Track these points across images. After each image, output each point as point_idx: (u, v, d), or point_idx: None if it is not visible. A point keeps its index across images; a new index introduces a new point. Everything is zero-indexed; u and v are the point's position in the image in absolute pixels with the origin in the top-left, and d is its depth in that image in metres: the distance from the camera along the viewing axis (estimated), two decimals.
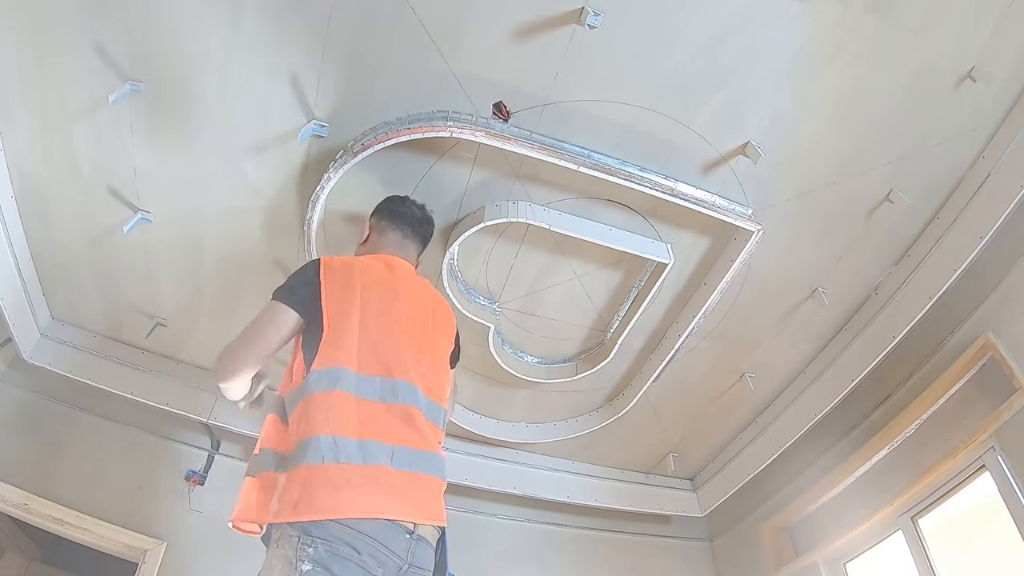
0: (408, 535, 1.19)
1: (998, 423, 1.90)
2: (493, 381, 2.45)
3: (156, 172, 1.82)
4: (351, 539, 1.13)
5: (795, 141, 1.79)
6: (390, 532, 1.17)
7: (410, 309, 1.45)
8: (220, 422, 2.45)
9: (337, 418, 1.21)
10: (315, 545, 1.11)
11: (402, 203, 1.70)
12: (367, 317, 1.34)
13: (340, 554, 1.11)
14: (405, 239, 1.65)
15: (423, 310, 1.49)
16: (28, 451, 2.32)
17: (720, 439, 2.89)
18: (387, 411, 1.27)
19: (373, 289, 1.40)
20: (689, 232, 2.02)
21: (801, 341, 2.41)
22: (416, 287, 1.53)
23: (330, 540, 1.12)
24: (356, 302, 1.34)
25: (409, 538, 1.19)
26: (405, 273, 1.53)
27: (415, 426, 1.29)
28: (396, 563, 1.17)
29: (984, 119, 1.81)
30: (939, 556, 2.12)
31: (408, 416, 1.29)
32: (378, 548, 1.14)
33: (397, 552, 1.17)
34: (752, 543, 2.92)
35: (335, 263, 1.42)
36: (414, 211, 1.70)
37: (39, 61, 1.58)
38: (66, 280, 2.22)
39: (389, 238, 1.63)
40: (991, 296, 2.05)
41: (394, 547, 1.17)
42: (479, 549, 2.75)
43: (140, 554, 2.28)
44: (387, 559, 1.16)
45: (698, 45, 1.56)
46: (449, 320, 1.61)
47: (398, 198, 1.72)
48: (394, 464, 1.22)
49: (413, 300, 1.48)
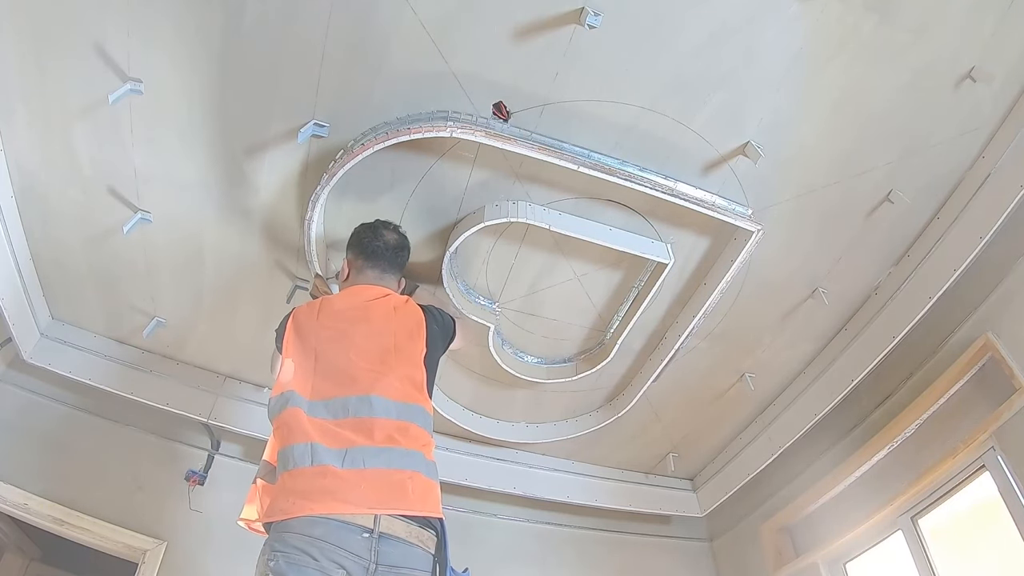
0: (367, 534, 1.21)
1: (998, 423, 1.90)
2: (493, 381, 2.45)
3: (156, 172, 1.82)
4: (305, 545, 1.18)
5: (795, 141, 1.79)
6: (343, 533, 1.20)
7: (370, 330, 1.57)
8: (220, 422, 2.45)
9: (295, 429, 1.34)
10: (275, 558, 1.18)
11: (374, 236, 1.77)
12: (322, 349, 1.51)
13: (296, 563, 1.16)
14: (383, 273, 1.77)
15: (385, 328, 1.60)
16: (28, 451, 2.32)
17: (720, 439, 2.89)
18: (337, 426, 1.36)
19: (329, 324, 1.57)
20: (689, 232, 2.02)
21: (801, 341, 2.41)
22: (378, 309, 1.64)
23: (287, 551, 1.18)
24: (311, 341, 1.52)
25: (368, 537, 1.21)
26: (368, 299, 1.66)
27: (369, 433, 1.36)
28: (359, 563, 1.19)
29: (984, 119, 1.81)
30: (939, 556, 2.12)
31: (360, 426, 1.37)
32: (334, 551, 1.18)
33: (356, 552, 1.19)
34: (752, 543, 2.92)
35: (301, 313, 1.61)
36: (387, 241, 1.78)
37: (39, 61, 1.58)
38: (66, 280, 2.22)
39: (367, 275, 1.75)
40: (991, 296, 2.05)
41: (351, 547, 1.19)
42: (479, 549, 2.75)
43: (140, 554, 2.28)
44: (346, 560, 1.18)
45: (698, 45, 1.56)
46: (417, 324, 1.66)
47: (370, 230, 1.79)
48: (344, 464, 1.28)
49: (374, 322, 1.60)
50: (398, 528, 1.25)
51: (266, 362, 2.45)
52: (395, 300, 1.70)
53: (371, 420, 1.37)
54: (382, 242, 1.76)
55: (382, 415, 1.39)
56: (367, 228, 1.80)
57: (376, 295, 1.68)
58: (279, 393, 1.44)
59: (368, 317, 1.61)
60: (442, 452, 2.64)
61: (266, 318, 2.26)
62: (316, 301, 1.67)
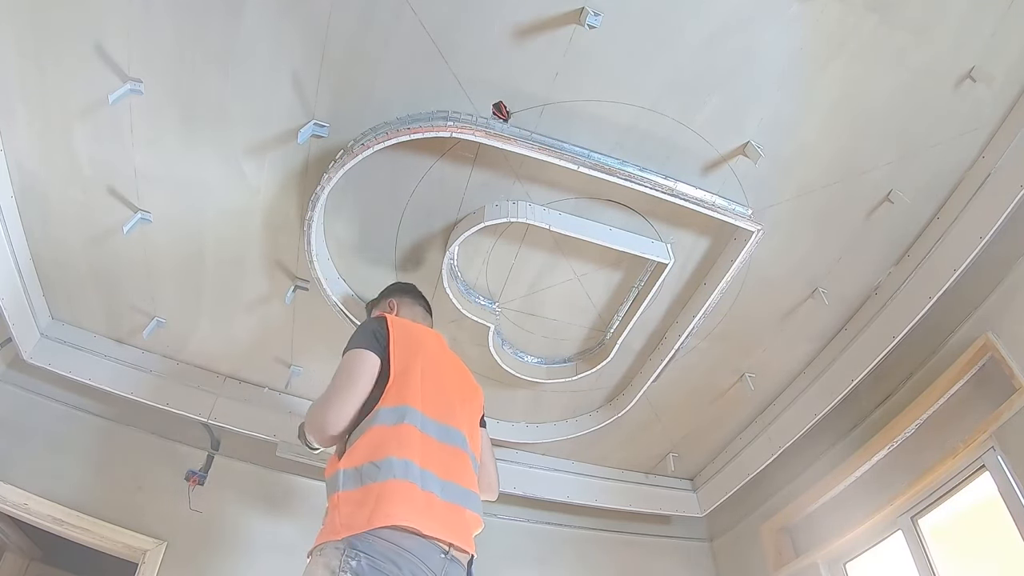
0: (444, 555, 1.29)
1: (998, 423, 1.90)
2: (493, 381, 2.45)
3: (156, 172, 1.82)
4: (394, 555, 1.21)
5: (795, 141, 1.79)
6: (429, 550, 1.27)
7: (451, 371, 1.66)
8: (220, 422, 2.45)
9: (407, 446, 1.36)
10: (358, 558, 1.19)
11: (412, 288, 1.94)
12: (425, 370, 1.52)
13: (381, 569, 1.19)
14: (427, 315, 1.90)
15: (460, 375, 1.71)
16: (28, 451, 2.32)
17: (720, 439, 2.90)
18: (442, 449, 1.44)
19: (427, 346, 1.60)
20: (689, 232, 2.02)
21: (801, 341, 2.41)
22: (451, 355, 1.74)
23: (373, 555, 1.20)
24: (417, 355, 1.53)
25: (444, 558, 1.29)
26: (442, 341, 1.75)
27: (464, 466, 1.47)
28: None
29: (984, 119, 1.81)
30: (939, 556, 2.12)
31: (459, 456, 1.47)
32: (417, 564, 1.23)
33: (432, 568, 1.26)
34: (752, 543, 2.91)
35: (398, 320, 1.61)
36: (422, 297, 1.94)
37: (39, 61, 1.58)
38: (66, 280, 2.22)
39: (415, 312, 1.86)
40: (991, 296, 2.04)
41: (431, 563, 1.26)
42: (479, 549, 2.73)
43: (140, 554, 2.28)
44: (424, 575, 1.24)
45: (698, 45, 1.56)
46: (477, 391, 1.77)
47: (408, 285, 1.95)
48: (443, 496, 1.36)
49: (452, 365, 1.70)
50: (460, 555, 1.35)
51: (266, 362, 2.45)
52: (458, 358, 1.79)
53: (466, 459, 1.49)
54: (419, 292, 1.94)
55: (466, 451, 1.51)
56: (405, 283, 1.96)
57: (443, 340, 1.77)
58: (395, 405, 1.40)
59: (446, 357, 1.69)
60: None
61: (266, 318, 2.26)
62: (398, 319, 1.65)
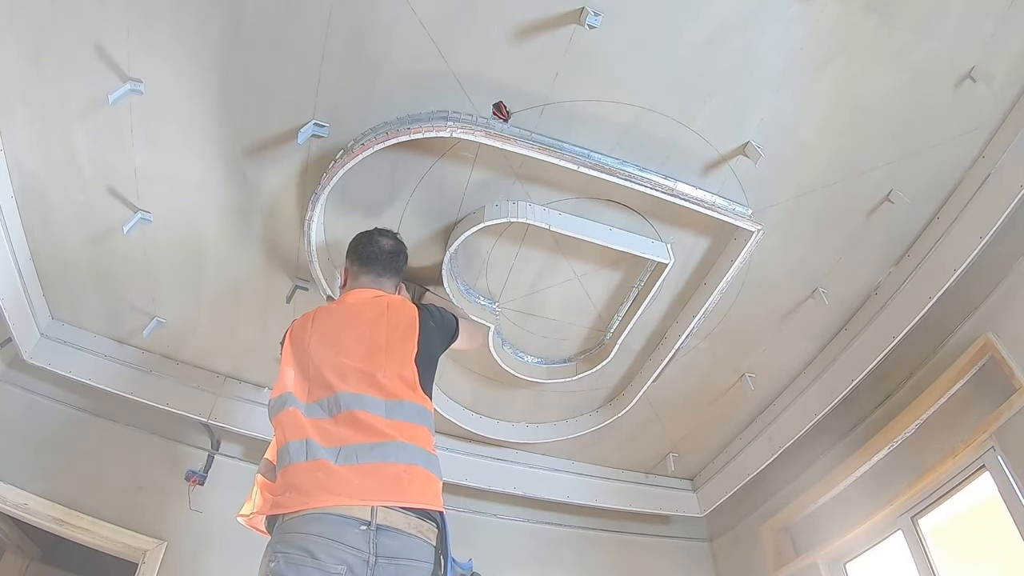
0: (364, 527, 1.22)
1: (998, 423, 1.90)
2: (493, 381, 2.45)
3: (156, 172, 1.82)
4: (304, 543, 1.19)
5: (795, 141, 1.79)
6: (340, 527, 1.21)
7: (359, 331, 1.59)
8: (220, 422, 2.45)
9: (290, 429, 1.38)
10: (276, 559, 1.19)
11: (369, 242, 1.80)
12: (317, 354, 1.53)
13: (296, 562, 1.17)
14: (379, 278, 1.79)
15: (375, 328, 1.61)
16: (28, 451, 2.32)
17: (720, 439, 2.89)
18: (334, 423, 1.40)
19: (321, 329, 1.60)
20: (689, 232, 2.02)
21: (801, 341, 2.41)
22: (369, 310, 1.66)
23: (287, 551, 1.19)
24: (306, 349, 1.55)
25: (366, 529, 1.22)
26: (358, 303, 1.69)
27: (362, 427, 1.39)
28: (358, 557, 1.20)
29: (984, 119, 1.81)
30: (939, 556, 2.12)
31: (353, 423, 1.39)
32: (333, 545, 1.18)
33: (354, 545, 1.20)
34: (752, 543, 2.92)
35: (297, 325, 1.65)
36: (382, 246, 1.80)
37: (39, 61, 1.58)
38: (66, 280, 2.22)
39: (362, 280, 1.77)
40: (991, 296, 2.05)
41: (349, 541, 1.20)
42: (478, 549, 2.72)
43: (140, 554, 2.28)
44: (345, 554, 1.18)
45: (698, 45, 1.56)
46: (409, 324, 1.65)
47: (366, 237, 1.81)
48: (338, 461, 1.30)
49: (364, 323, 1.62)
50: (395, 519, 1.26)
51: (266, 362, 2.45)
52: (388, 299, 1.71)
53: (363, 417, 1.40)
54: (376, 247, 1.79)
55: (373, 411, 1.42)
56: (363, 235, 1.82)
57: (368, 296, 1.72)
58: (278, 395, 1.49)
59: (358, 318, 1.64)
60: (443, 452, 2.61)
61: (266, 318, 2.26)
62: (311, 310, 1.70)
